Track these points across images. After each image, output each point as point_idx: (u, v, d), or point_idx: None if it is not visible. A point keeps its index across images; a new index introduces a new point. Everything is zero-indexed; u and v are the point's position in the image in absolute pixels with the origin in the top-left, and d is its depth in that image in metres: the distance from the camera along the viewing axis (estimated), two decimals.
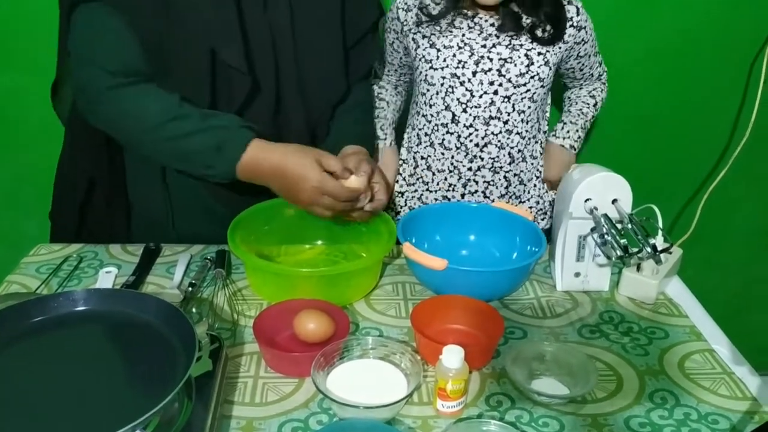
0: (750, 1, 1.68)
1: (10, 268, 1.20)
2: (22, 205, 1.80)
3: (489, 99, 1.34)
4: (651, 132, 1.84)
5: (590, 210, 1.08)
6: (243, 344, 0.99)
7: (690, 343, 1.02)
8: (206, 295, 1.11)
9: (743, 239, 2.01)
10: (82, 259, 1.21)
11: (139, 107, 1.08)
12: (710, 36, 1.72)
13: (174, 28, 1.06)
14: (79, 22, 1.08)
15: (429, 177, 1.44)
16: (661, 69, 1.76)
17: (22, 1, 1.55)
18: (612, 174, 1.08)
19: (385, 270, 1.19)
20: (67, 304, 0.89)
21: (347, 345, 0.93)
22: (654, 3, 1.67)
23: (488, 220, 1.24)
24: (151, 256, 1.22)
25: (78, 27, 1.08)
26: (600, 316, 1.09)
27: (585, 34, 1.37)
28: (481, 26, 1.33)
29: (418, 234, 1.19)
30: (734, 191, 1.83)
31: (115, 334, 0.87)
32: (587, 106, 1.50)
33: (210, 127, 1.07)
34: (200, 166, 1.08)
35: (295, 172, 1.05)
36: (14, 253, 1.42)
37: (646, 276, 1.11)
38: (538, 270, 1.21)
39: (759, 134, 1.70)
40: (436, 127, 1.39)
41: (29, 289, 1.12)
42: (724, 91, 1.80)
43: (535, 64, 1.32)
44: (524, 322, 1.06)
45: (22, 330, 0.86)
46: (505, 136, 1.37)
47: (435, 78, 1.35)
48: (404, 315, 1.07)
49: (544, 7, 1.30)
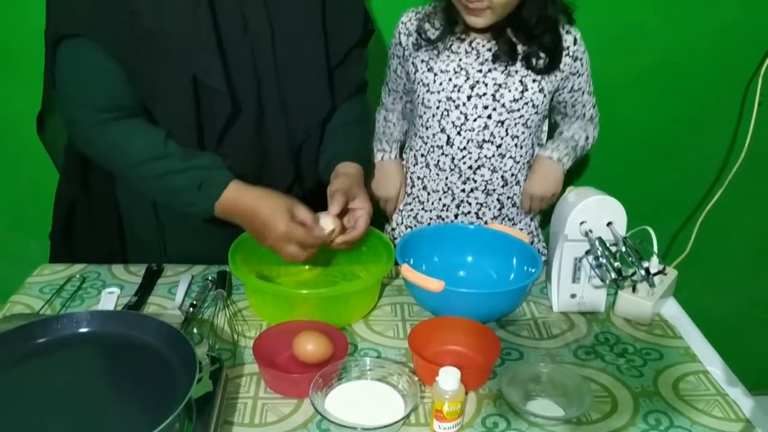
0: (744, 24, 1.71)
1: (13, 288, 1.22)
2: (24, 225, 1.82)
3: (483, 123, 1.36)
4: (648, 153, 1.86)
5: (585, 232, 1.10)
6: (243, 365, 1.01)
7: (685, 365, 1.04)
8: (207, 315, 1.12)
9: (740, 260, 2.02)
10: (85, 280, 1.23)
11: (125, 144, 1.12)
12: (706, 57, 1.75)
13: (155, 55, 1.08)
14: (64, 58, 1.10)
15: (424, 196, 1.47)
16: (656, 90, 1.78)
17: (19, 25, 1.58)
18: (607, 197, 1.10)
19: (383, 291, 1.21)
20: (71, 325, 0.90)
21: (346, 366, 0.94)
22: (649, 25, 1.70)
23: (485, 242, 1.25)
24: (153, 276, 1.23)
25: (63, 62, 1.10)
26: (596, 337, 1.10)
27: (580, 66, 1.39)
28: (478, 51, 1.36)
29: (417, 255, 1.20)
30: (731, 212, 1.85)
31: (117, 355, 0.88)
32: (579, 135, 1.48)
33: (191, 167, 1.11)
34: (182, 203, 1.13)
35: (265, 217, 1.08)
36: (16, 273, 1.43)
37: (641, 297, 1.13)
38: (535, 291, 1.22)
39: (754, 155, 1.73)
40: (432, 149, 1.42)
41: (33, 309, 1.13)
42: (719, 113, 1.82)
43: (529, 91, 1.34)
44: (520, 343, 1.08)
45: (26, 351, 0.87)
46: (498, 160, 1.40)
47: (431, 101, 1.38)
48: (402, 336, 1.08)
49: (540, 38, 1.32)
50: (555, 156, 1.43)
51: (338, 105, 1.30)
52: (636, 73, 1.75)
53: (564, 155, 1.43)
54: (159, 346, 0.87)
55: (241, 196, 1.11)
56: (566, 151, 1.44)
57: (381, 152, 1.49)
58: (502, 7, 1.25)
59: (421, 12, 1.41)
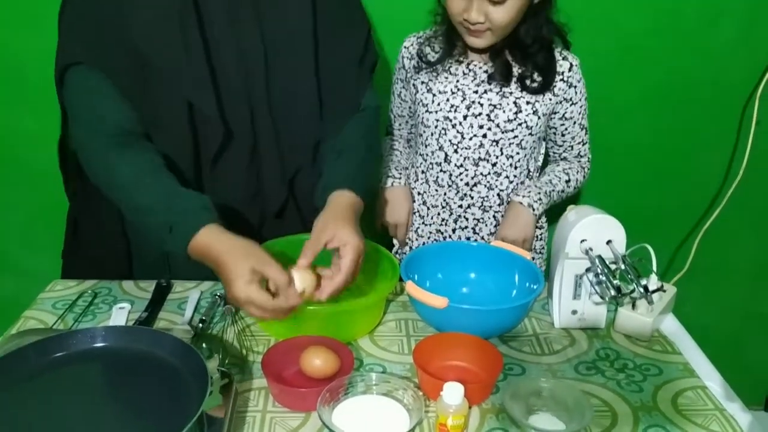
0: (741, 45, 1.74)
1: (23, 303, 1.24)
2: (34, 242, 1.85)
3: (478, 141, 1.41)
4: (648, 172, 1.89)
5: (586, 250, 1.13)
6: (252, 379, 1.03)
7: (683, 380, 1.06)
8: (216, 331, 1.15)
9: (739, 276, 2.04)
10: (97, 295, 1.25)
11: (114, 169, 1.11)
12: (704, 78, 1.78)
13: (151, 82, 1.12)
14: (70, 84, 1.14)
15: (424, 211, 1.52)
16: (655, 110, 1.81)
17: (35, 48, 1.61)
18: (606, 216, 1.13)
19: (388, 307, 1.23)
20: (85, 340, 0.93)
21: (352, 381, 0.97)
22: (648, 47, 1.73)
23: (488, 259, 1.28)
24: (163, 292, 1.26)
25: (71, 88, 1.14)
26: (596, 352, 1.12)
27: (574, 94, 1.42)
28: (475, 72, 1.40)
29: (421, 272, 1.23)
30: (729, 230, 1.87)
31: (131, 370, 0.91)
32: (558, 179, 1.47)
33: (169, 208, 1.07)
34: (155, 240, 1.09)
35: (228, 275, 1.00)
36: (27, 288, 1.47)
37: (641, 314, 1.15)
38: (537, 307, 1.25)
39: (752, 173, 1.75)
40: (431, 166, 1.47)
41: (46, 324, 1.16)
42: (718, 132, 1.85)
43: (523, 112, 1.39)
44: (522, 359, 1.10)
45: (41, 365, 0.90)
46: (494, 178, 1.44)
47: (430, 120, 1.43)
48: (407, 351, 1.11)
49: (534, 57, 1.37)
50: (525, 201, 1.43)
51: (336, 127, 1.27)
52: (635, 93, 1.78)
53: (536, 201, 1.43)
54: (172, 360, 0.90)
55: (210, 245, 1.03)
56: (538, 197, 1.43)
57: (390, 178, 1.52)
58: (502, 29, 1.30)
59: (423, 36, 1.46)
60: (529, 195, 1.43)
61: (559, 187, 1.47)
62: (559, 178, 1.48)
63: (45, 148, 1.69)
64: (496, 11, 1.27)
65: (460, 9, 1.29)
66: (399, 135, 1.58)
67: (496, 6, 1.26)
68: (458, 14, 1.30)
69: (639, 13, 1.69)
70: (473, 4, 1.27)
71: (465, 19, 1.29)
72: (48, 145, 1.68)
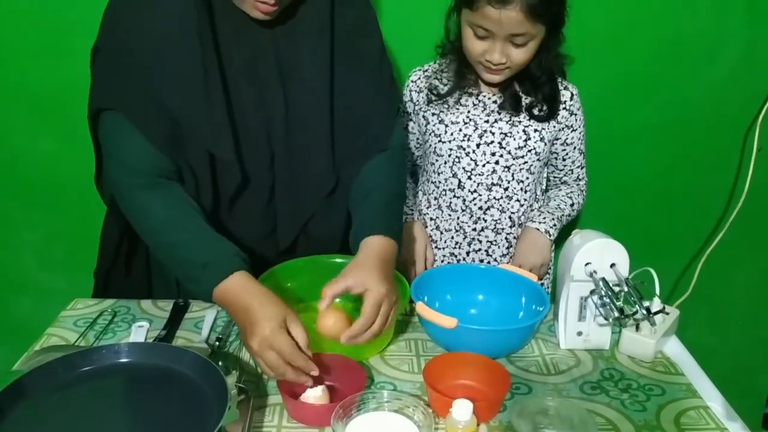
0: (743, 73, 1.78)
1: (40, 321, 1.28)
2: (51, 261, 1.89)
3: (491, 168, 1.47)
4: (651, 197, 1.92)
5: (590, 273, 1.16)
6: (267, 396, 1.06)
7: (686, 400, 1.09)
8: (232, 349, 1.18)
9: (743, 300, 2.06)
10: (116, 314, 1.29)
11: (147, 211, 1.15)
12: (706, 105, 1.81)
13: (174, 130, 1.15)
14: (105, 125, 1.19)
15: (437, 236, 1.56)
16: (658, 137, 1.85)
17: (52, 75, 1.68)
18: (610, 240, 1.17)
19: (399, 326, 1.26)
20: (110, 356, 0.97)
21: (364, 398, 1.00)
22: (651, 75, 1.77)
23: (496, 281, 1.32)
24: (180, 311, 1.30)
25: (105, 129, 1.19)
26: (601, 373, 1.15)
27: (575, 121, 1.49)
28: (485, 103, 1.46)
29: (430, 293, 1.27)
30: (732, 254, 1.89)
31: (154, 384, 0.95)
32: (564, 203, 1.54)
33: (205, 247, 1.10)
34: (184, 277, 1.13)
35: (256, 317, 1.01)
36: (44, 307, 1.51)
37: (644, 336, 1.18)
38: (543, 329, 1.28)
39: (754, 199, 1.78)
40: (444, 192, 1.52)
41: (68, 341, 1.20)
42: (720, 158, 1.88)
43: (531, 140, 1.45)
44: (529, 378, 1.13)
45: (68, 379, 0.94)
46: (506, 201, 1.50)
47: (443, 149, 1.48)
48: (417, 370, 1.14)
49: (542, 87, 1.43)
50: (543, 228, 1.49)
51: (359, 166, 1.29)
52: (639, 120, 1.82)
53: (551, 227, 1.50)
54: (192, 376, 0.94)
55: (243, 288, 1.06)
56: (552, 223, 1.50)
57: None
58: (519, 67, 1.37)
59: (429, 69, 1.52)
60: (544, 221, 1.49)
61: (567, 212, 1.54)
62: (565, 203, 1.55)
63: (61, 169, 1.76)
64: (517, 52, 1.34)
65: (480, 50, 1.35)
66: None
67: (519, 48, 1.33)
68: (479, 55, 1.36)
69: (641, 42, 1.73)
70: (497, 46, 1.32)
71: (488, 60, 1.35)
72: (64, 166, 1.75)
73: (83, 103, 1.25)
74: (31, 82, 1.70)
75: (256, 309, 1.02)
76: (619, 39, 1.73)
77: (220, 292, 1.06)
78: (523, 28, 1.29)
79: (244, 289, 1.06)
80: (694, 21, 1.72)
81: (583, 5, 1.64)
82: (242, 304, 1.04)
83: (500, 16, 1.27)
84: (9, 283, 1.93)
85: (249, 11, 1.13)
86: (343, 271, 1.12)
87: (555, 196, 1.57)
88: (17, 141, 1.76)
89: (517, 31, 1.30)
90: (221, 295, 1.07)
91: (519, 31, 1.30)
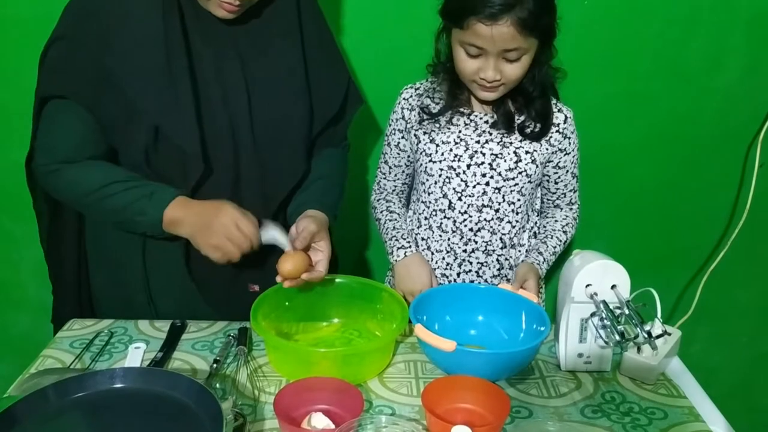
0: (744, 89, 1.78)
1: (40, 337, 1.28)
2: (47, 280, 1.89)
3: (482, 189, 1.45)
4: (652, 214, 1.91)
5: (591, 295, 1.15)
6: (264, 420, 1.05)
7: (688, 424, 1.07)
8: (229, 371, 1.17)
9: (746, 317, 2.05)
10: (113, 335, 1.29)
11: (83, 176, 1.23)
12: (707, 121, 1.81)
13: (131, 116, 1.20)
14: (45, 116, 1.24)
15: (428, 256, 1.54)
16: (659, 153, 1.84)
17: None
18: (610, 261, 1.16)
19: (397, 348, 1.26)
20: (104, 381, 0.96)
21: (361, 423, 0.98)
22: (650, 90, 1.77)
23: (495, 301, 1.31)
24: (177, 332, 1.29)
25: (43, 120, 1.25)
26: (602, 395, 1.14)
27: (568, 145, 1.47)
28: (476, 123, 1.45)
29: (429, 314, 1.25)
30: (735, 272, 1.89)
31: (148, 410, 0.94)
32: (558, 241, 1.51)
33: (144, 184, 1.22)
34: (133, 213, 1.21)
35: (214, 204, 1.20)
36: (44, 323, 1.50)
37: (646, 358, 1.17)
38: (544, 350, 1.27)
39: (756, 216, 1.78)
40: (435, 212, 1.50)
41: (63, 363, 1.19)
42: (721, 175, 1.87)
43: (522, 161, 1.43)
44: (530, 402, 1.12)
45: (61, 406, 0.93)
46: (497, 223, 1.48)
47: (434, 170, 1.47)
48: (416, 393, 1.13)
49: (535, 103, 1.42)
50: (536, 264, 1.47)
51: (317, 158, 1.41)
52: (638, 137, 1.81)
53: (542, 261, 1.47)
54: (188, 402, 0.92)
55: (189, 202, 1.22)
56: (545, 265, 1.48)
57: (401, 249, 1.50)
58: (513, 82, 1.36)
59: (421, 87, 1.51)
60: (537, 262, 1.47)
61: (558, 249, 1.52)
62: (560, 240, 1.52)
63: None
64: (511, 68, 1.33)
65: (474, 69, 1.34)
66: (392, 189, 1.59)
67: (512, 63, 1.32)
68: (472, 74, 1.35)
69: (642, 58, 1.73)
70: (490, 63, 1.31)
71: (482, 77, 1.34)
72: None
73: None
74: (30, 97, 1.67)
75: (211, 203, 1.21)
76: (620, 55, 1.73)
77: (171, 210, 1.20)
78: (516, 42, 1.28)
79: (193, 201, 1.23)
80: (695, 37, 1.72)
81: (584, 20, 1.65)
82: (196, 209, 1.21)
83: (492, 33, 1.27)
84: (8, 299, 1.92)
85: (213, 11, 1.19)
86: (306, 224, 1.24)
87: (552, 232, 1.52)
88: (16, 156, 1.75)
89: (510, 46, 1.29)
90: (172, 214, 1.20)
91: (511, 46, 1.29)
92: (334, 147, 1.46)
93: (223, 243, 1.19)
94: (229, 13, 1.19)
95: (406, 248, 1.51)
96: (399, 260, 1.51)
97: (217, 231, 1.18)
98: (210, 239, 1.19)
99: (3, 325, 1.94)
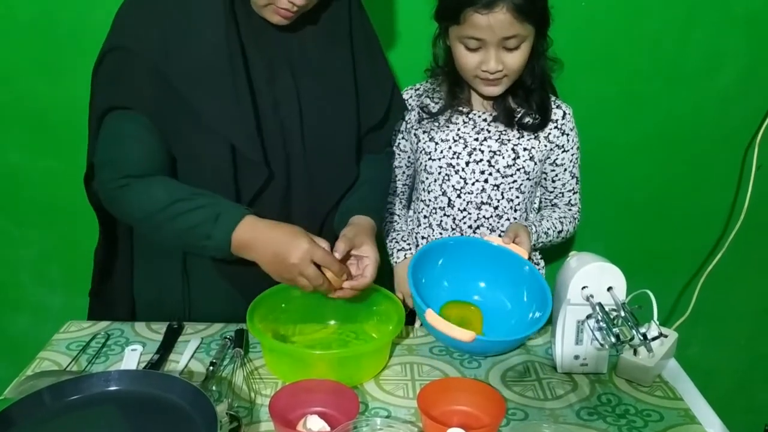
0: (742, 91, 1.78)
1: (37, 339, 1.28)
2: (48, 280, 1.89)
3: (480, 186, 1.46)
4: (649, 216, 1.91)
5: (587, 297, 1.15)
6: (259, 422, 1.05)
7: (684, 426, 1.07)
8: (226, 373, 1.17)
9: (743, 320, 2.05)
10: (110, 337, 1.28)
11: (147, 195, 1.18)
12: (705, 122, 1.81)
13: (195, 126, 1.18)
14: (107, 129, 1.21)
15: None
16: (656, 155, 1.84)
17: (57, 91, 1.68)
18: (607, 264, 1.16)
19: (394, 350, 1.26)
20: (100, 383, 0.96)
21: (357, 425, 0.99)
22: (649, 92, 1.77)
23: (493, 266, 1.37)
24: (174, 334, 1.29)
25: (104, 132, 1.21)
26: (598, 398, 1.14)
27: (566, 141, 1.48)
28: (475, 121, 1.46)
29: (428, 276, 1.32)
30: (732, 273, 1.87)
31: (143, 413, 0.94)
32: (553, 228, 1.49)
33: (208, 204, 1.16)
34: (198, 238, 1.16)
35: (286, 238, 1.13)
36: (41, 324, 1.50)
37: (642, 360, 1.17)
38: (540, 351, 1.27)
39: (754, 218, 1.77)
40: (434, 210, 1.51)
41: (60, 365, 1.19)
42: (719, 176, 1.87)
43: (521, 158, 1.44)
44: (525, 404, 1.12)
45: (57, 408, 0.93)
46: (496, 220, 1.49)
47: (433, 167, 1.48)
48: (412, 395, 1.13)
49: (534, 95, 1.43)
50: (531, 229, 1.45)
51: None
52: (636, 138, 1.81)
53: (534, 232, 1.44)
54: (183, 404, 0.93)
55: (261, 223, 1.15)
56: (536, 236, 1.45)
57: (401, 251, 1.52)
58: (516, 73, 1.37)
59: (420, 88, 1.53)
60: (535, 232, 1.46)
61: (552, 237, 1.50)
62: (554, 228, 1.50)
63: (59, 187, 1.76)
64: (512, 57, 1.34)
65: (475, 63, 1.35)
66: (393, 191, 1.59)
67: (512, 52, 1.33)
68: (474, 68, 1.36)
69: (640, 58, 1.73)
70: (491, 54, 1.33)
71: (484, 70, 1.34)
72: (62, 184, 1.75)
73: (81, 121, 1.26)
74: (29, 100, 1.70)
75: (283, 232, 1.14)
76: (618, 55, 1.73)
77: (239, 234, 1.14)
78: (513, 29, 1.30)
79: (261, 224, 1.15)
80: (693, 37, 1.72)
81: (582, 20, 1.65)
82: (267, 235, 1.14)
83: (489, 21, 1.28)
84: (6, 300, 1.92)
85: (269, 17, 1.18)
86: (346, 236, 1.21)
87: (548, 217, 1.52)
88: (14, 158, 1.77)
89: (508, 33, 1.30)
90: (240, 237, 1.14)
91: (509, 33, 1.30)
92: (377, 153, 1.45)
93: (297, 279, 1.15)
94: (284, 19, 1.17)
95: (406, 250, 1.52)
96: (399, 262, 1.52)
97: (291, 270, 1.13)
98: (283, 273, 1.15)
99: (0, 326, 1.94)
